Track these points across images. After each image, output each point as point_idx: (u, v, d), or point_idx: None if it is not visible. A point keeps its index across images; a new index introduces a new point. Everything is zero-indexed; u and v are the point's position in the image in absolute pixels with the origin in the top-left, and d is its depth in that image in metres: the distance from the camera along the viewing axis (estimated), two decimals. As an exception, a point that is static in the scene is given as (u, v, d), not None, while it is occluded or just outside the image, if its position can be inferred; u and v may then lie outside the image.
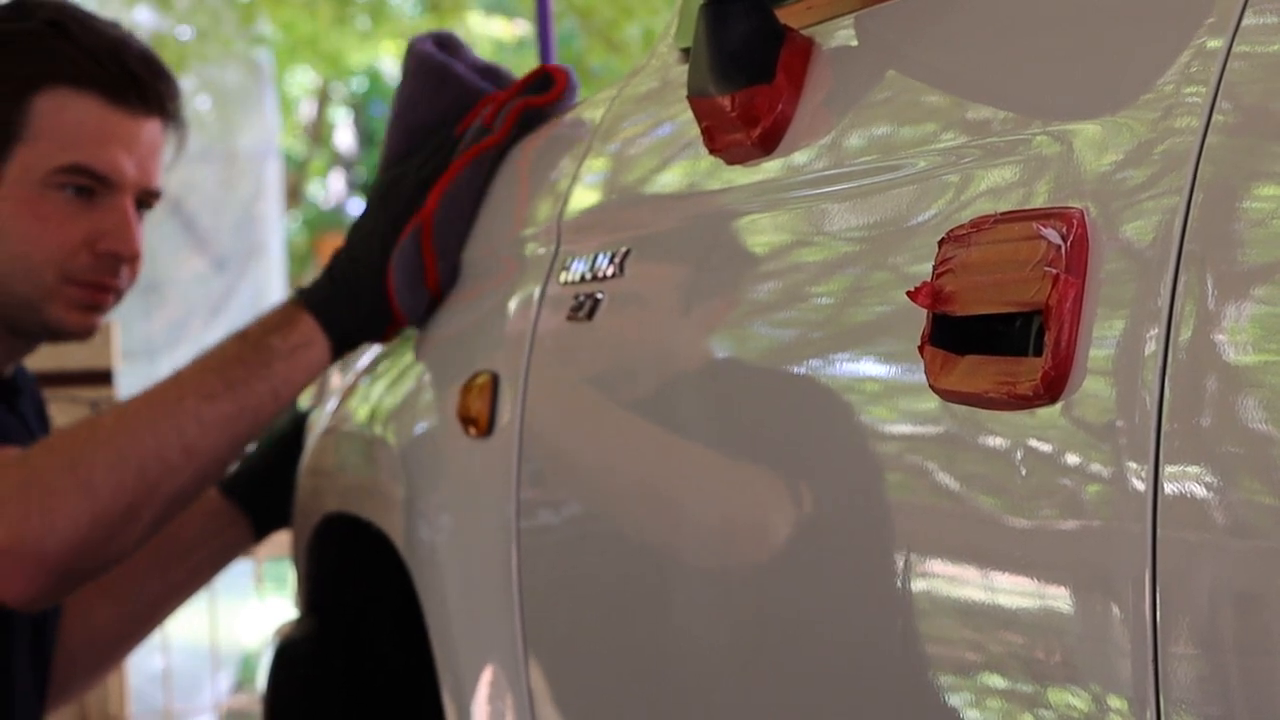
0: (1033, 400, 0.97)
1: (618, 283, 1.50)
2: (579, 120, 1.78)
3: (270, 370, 1.90)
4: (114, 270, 2.09)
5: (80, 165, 2.05)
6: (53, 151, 2.05)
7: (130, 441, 1.88)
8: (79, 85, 2.05)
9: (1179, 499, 0.88)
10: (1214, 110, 0.91)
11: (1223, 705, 0.86)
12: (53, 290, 2.07)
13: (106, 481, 1.88)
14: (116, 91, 2.07)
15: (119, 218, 2.07)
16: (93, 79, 2.06)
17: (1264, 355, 0.86)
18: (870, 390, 1.15)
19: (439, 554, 1.78)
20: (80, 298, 2.08)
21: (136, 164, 2.09)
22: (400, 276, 1.87)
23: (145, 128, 2.09)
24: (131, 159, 2.08)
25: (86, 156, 2.05)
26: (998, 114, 1.11)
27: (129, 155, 2.08)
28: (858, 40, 1.28)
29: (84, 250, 2.06)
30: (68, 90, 2.05)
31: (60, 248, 2.05)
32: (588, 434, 1.54)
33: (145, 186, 2.11)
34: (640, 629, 1.42)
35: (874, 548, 1.12)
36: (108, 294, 2.11)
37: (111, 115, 2.07)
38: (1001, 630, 1.00)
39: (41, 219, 2.05)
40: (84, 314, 2.10)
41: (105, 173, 2.06)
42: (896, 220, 1.16)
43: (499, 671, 1.64)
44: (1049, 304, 0.96)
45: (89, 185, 2.06)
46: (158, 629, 2.36)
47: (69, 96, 2.05)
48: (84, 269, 2.07)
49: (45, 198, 2.05)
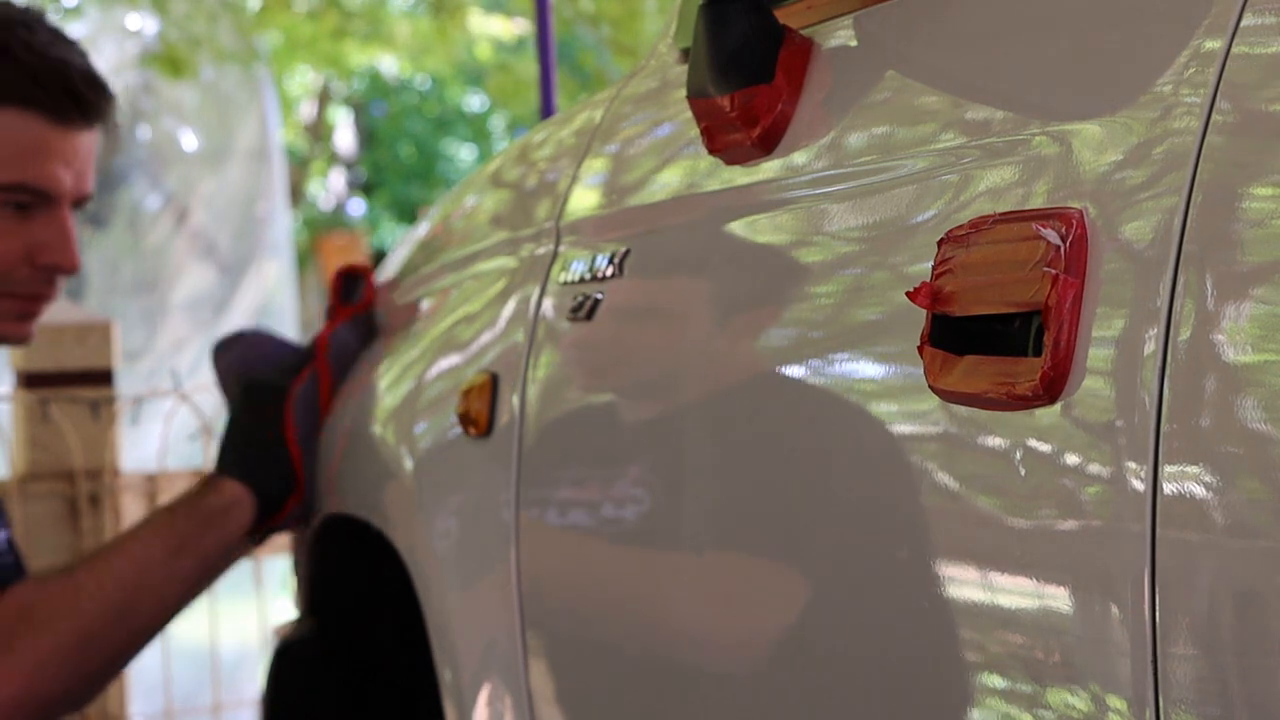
0: (1032, 400, 0.97)
1: (617, 283, 1.50)
2: (578, 120, 1.78)
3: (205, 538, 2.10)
4: (51, 281, 2.11)
5: (21, 184, 2.05)
6: None
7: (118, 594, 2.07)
8: (19, 105, 2.06)
9: (1178, 499, 0.88)
10: (1213, 111, 0.91)
11: (1222, 705, 0.86)
12: None
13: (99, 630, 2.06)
14: (57, 111, 2.07)
15: (59, 230, 2.08)
16: (33, 100, 2.06)
17: (1263, 355, 0.86)
18: (870, 390, 1.15)
19: (439, 554, 1.78)
20: (17, 310, 2.09)
21: (74, 175, 2.10)
22: (302, 406, 2.14)
23: (83, 140, 2.10)
24: (70, 171, 2.09)
25: (26, 175, 2.06)
26: (997, 114, 1.11)
27: (68, 169, 2.09)
28: (858, 40, 1.28)
29: (23, 264, 2.07)
30: (8, 110, 2.05)
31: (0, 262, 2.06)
32: (587, 434, 1.54)
33: (81, 194, 2.12)
34: (640, 628, 1.42)
35: (873, 547, 1.12)
36: (42, 302, 2.12)
37: (51, 133, 2.07)
38: (1001, 630, 1.00)
39: None
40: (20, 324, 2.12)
41: (45, 189, 2.07)
42: (896, 220, 1.16)
43: (499, 672, 1.64)
44: (1048, 304, 0.97)
45: (27, 201, 2.06)
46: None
47: (10, 116, 2.05)
48: (22, 281, 2.08)
49: None
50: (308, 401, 2.13)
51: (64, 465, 3.38)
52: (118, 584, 2.04)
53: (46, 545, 3.09)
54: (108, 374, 3.39)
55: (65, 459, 3.38)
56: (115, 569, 2.05)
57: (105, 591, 2.03)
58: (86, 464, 3.39)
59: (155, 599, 2.05)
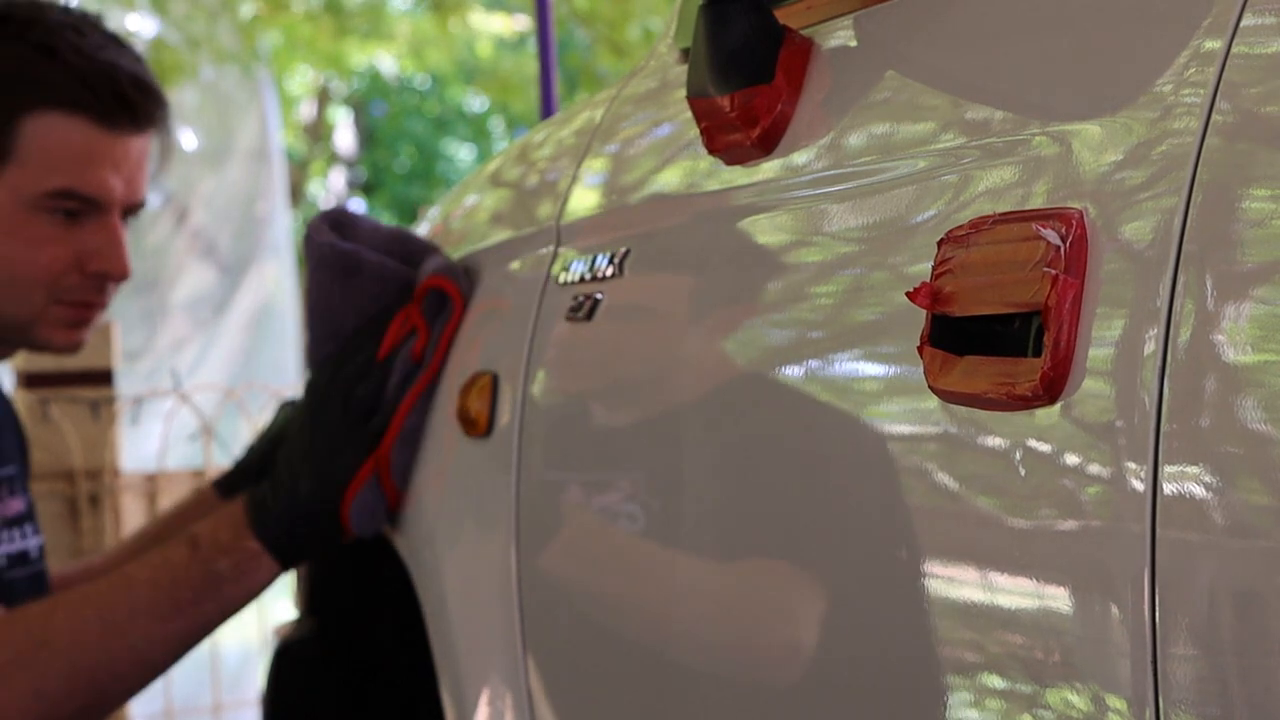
0: (1032, 400, 0.97)
1: (617, 283, 1.50)
2: (578, 120, 1.78)
3: (219, 593, 1.95)
4: (101, 288, 2.09)
5: (70, 190, 2.04)
6: (41, 175, 2.04)
7: (83, 655, 1.94)
8: (68, 109, 2.04)
9: (1178, 499, 0.88)
10: (1213, 111, 0.91)
11: (1222, 705, 0.86)
12: (41, 311, 2.07)
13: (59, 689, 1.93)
14: (106, 115, 2.05)
15: (108, 237, 2.07)
16: (82, 104, 2.04)
17: (1263, 355, 0.86)
18: (870, 390, 1.15)
19: (439, 554, 1.78)
20: (68, 317, 2.08)
21: (124, 182, 2.08)
22: (360, 514, 1.91)
23: (134, 145, 2.08)
24: (120, 178, 2.07)
25: (76, 181, 2.04)
26: (997, 114, 1.11)
27: (117, 175, 2.07)
28: (857, 40, 1.28)
29: (73, 271, 2.06)
30: (56, 114, 2.04)
31: (49, 270, 2.05)
32: (587, 434, 1.54)
33: (132, 202, 2.11)
34: (640, 628, 1.42)
35: (873, 547, 1.12)
36: (94, 310, 2.11)
37: (101, 138, 2.06)
38: (1001, 630, 1.00)
39: (30, 242, 2.04)
40: (71, 331, 2.10)
41: (94, 195, 2.06)
42: (896, 220, 1.16)
43: (499, 671, 1.64)
44: (1048, 304, 0.97)
45: (77, 208, 2.05)
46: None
47: (58, 120, 2.04)
48: (72, 289, 2.07)
49: (33, 220, 2.05)
50: (368, 508, 1.93)
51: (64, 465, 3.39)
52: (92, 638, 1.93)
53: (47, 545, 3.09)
54: (108, 374, 3.39)
55: (65, 459, 3.38)
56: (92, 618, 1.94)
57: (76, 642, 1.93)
58: (86, 464, 3.40)
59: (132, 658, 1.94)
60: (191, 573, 1.94)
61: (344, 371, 1.94)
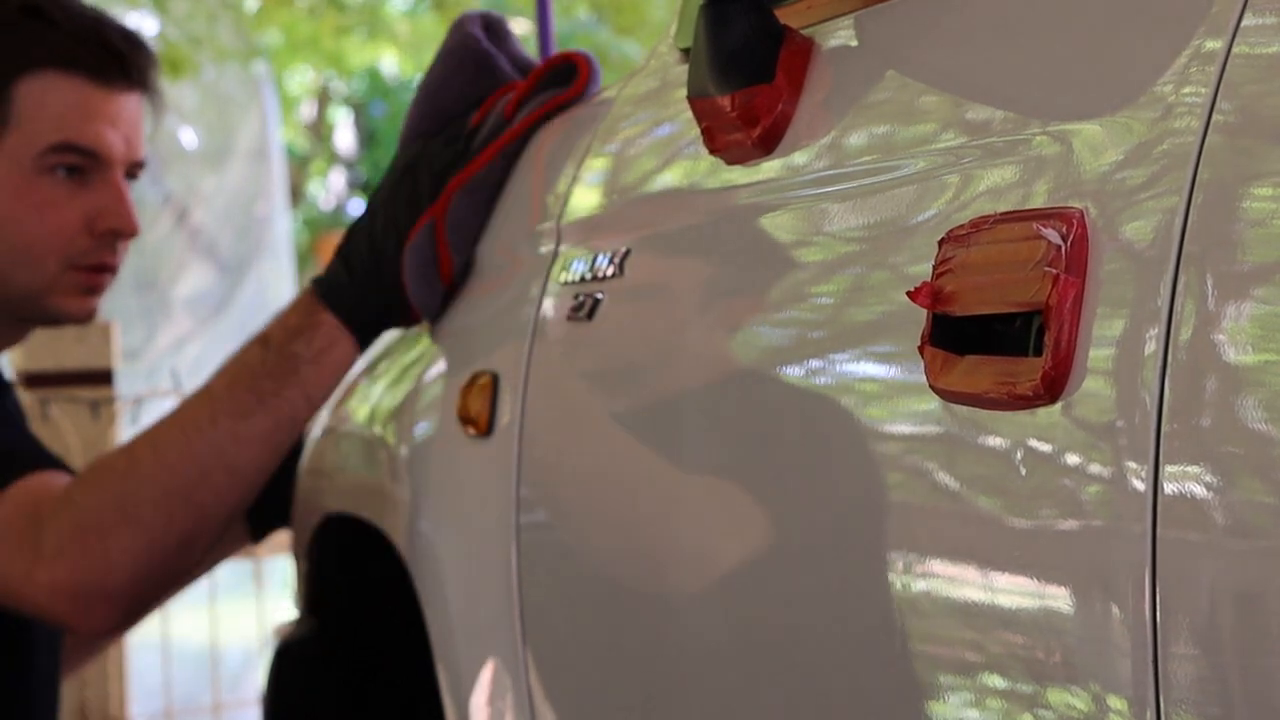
0: (1033, 400, 0.97)
1: (618, 283, 1.50)
2: (579, 120, 1.78)
3: (299, 377, 1.89)
4: (112, 248, 2.11)
5: (69, 143, 2.05)
6: (40, 133, 2.05)
7: (172, 476, 1.89)
8: (61, 67, 2.06)
9: (1179, 499, 0.88)
10: (1213, 111, 0.91)
11: (1223, 705, 0.86)
12: (55, 279, 2.08)
13: (156, 517, 1.90)
14: (99, 70, 2.07)
15: (114, 193, 2.08)
16: (75, 60, 2.06)
17: (1263, 355, 0.86)
18: (870, 390, 1.15)
19: (439, 554, 1.78)
20: (82, 283, 2.09)
21: (123, 138, 2.10)
22: (414, 271, 1.85)
23: (128, 102, 2.10)
24: (118, 133, 2.09)
25: (74, 134, 2.06)
26: (997, 114, 1.11)
27: (115, 130, 2.09)
28: (858, 40, 1.28)
29: (83, 233, 2.07)
30: (50, 73, 2.06)
31: (59, 233, 2.06)
32: (587, 434, 1.54)
33: (133, 159, 2.12)
34: (640, 628, 1.42)
35: (874, 547, 1.12)
36: (106, 274, 2.12)
37: (96, 93, 2.07)
38: (1001, 630, 1.00)
39: (37, 206, 2.05)
40: (85, 298, 2.11)
41: (94, 148, 2.07)
42: (896, 220, 1.16)
43: (499, 671, 1.64)
44: (1049, 304, 0.97)
45: (79, 164, 2.06)
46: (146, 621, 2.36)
47: (51, 79, 2.06)
48: (85, 252, 2.08)
49: (38, 182, 2.06)
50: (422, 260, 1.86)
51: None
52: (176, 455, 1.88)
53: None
54: (108, 374, 3.39)
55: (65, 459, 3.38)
56: (174, 433, 1.90)
57: (163, 465, 1.89)
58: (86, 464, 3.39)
59: (222, 464, 1.89)
60: (268, 362, 1.90)
61: (433, 144, 1.90)
